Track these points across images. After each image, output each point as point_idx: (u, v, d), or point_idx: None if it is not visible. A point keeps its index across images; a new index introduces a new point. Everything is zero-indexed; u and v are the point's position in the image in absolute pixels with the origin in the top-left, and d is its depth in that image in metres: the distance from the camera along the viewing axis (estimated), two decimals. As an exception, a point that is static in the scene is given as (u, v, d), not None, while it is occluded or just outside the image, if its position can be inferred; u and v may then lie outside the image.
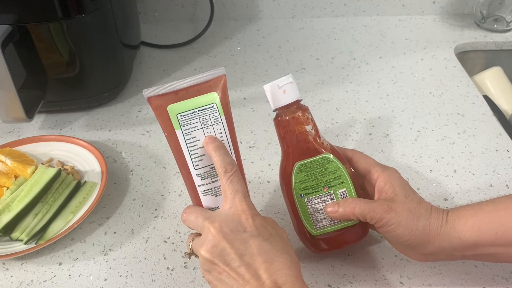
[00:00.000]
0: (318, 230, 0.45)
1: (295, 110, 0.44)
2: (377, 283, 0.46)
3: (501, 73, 0.83)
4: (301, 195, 0.44)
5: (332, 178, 0.44)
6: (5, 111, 0.58)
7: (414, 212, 0.40)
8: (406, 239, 0.40)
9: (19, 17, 0.57)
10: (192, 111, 0.40)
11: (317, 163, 0.44)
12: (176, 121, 0.40)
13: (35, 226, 0.50)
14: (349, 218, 0.43)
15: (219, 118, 0.41)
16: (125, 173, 0.60)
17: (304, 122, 0.44)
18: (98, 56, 0.67)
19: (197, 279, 0.47)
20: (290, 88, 0.44)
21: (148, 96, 0.40)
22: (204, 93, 0.40)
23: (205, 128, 0.40)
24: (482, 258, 0.42)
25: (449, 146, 0.63)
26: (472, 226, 0.39)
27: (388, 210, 0.40)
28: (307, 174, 0.44)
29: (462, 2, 0.95)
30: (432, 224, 0.40)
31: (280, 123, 0.45)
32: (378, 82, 0.77)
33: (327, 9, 0.96)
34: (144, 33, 0.88)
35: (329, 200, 0.44)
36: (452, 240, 0.39)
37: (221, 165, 0.39)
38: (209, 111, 0.40)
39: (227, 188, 0.39)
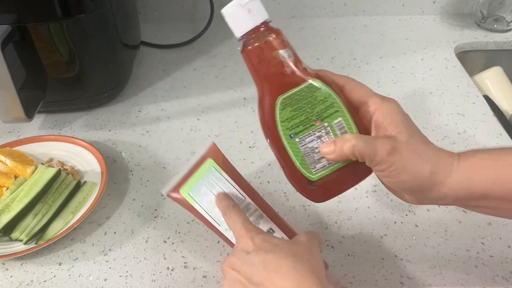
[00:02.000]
0: (317, 174, 0.38)
1: (266, 33, 0.37)
2: (377, 283, 0.46)
3: (501, 73, 0.83)
4: (290, 135, 0.37)
5: (323, 108, 0.37)
6: (5, 111, 0.58)
7: (420, 154, 0.35)
8: (408, 186, 0.36)
9: (18, 17, 0.57)
10: (198, 183, 0.44)
11: (303, 93, 0.37)
12: (190, 198, 0.44)
13: (35, 226, 0.50)
14: (348, 158, 0.36)
15: (220, 176, 0.44)
16: (125, 173, 0.60)
17: (279, 46, 0.37)
18: (98, 56, 0.67)
19: (197, 279, 0.47)
20: (256, 6, 0.36)
21: (167, 192, 0.45)
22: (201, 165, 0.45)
23: (213, 189, 0.44)
24: (482, 210, 0.38)
25: (449, 146, 0.63)
26: (487, 178, 0.34)
27: (392, 152, 0.34)
28: (293, 109, 0.37)
29: (462, 2, 0.95)
30: (440, 170, 0.35)
31: (250, 52, 0.37)
32: (378, 82, 0.76)
33: (327, 9, 0.96)
34: (144, 33, 0.88)
35: (325, 134, 0.38)
36: (461, 189, 0.35)
37: (221, 211, 0.42)
38: (210, 175, 0.44)
39: (229, 226, 0.41)
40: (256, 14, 0.36)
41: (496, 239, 0.50)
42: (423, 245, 0.49)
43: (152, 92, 0.76)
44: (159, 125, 0.68)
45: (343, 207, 0.54)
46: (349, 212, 0.54)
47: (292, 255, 0.36)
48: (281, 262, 0.35)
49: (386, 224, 0.52)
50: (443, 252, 0.49)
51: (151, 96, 0.75)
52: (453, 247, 0.49)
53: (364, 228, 0.52)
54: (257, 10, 0.36)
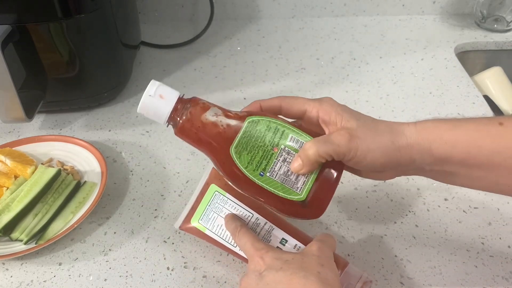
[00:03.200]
0: (303, 191, 0.39)
1: (186, 106, 0.38)
2: (377, 283, 0.46)
3: (501, 73, 0.83)
4: (260, 174, 0.38)
5: (271, 135, 0.39)
6: (5, 111, 0.58)
7: (375, 130, 0.37)
8: (380, 162, 0.37)
9: (19, 17, 0.57)
10: (206, 210, 0.46)
11: (248, 133, 0.38)
12: (201, 226, 0.46)
13: (35, 226, 0.50)
14: (318, 164, 0.38)
15: (225, 198, 0.45)
16: (125, 173, 0.60)
17: (202, 111, 0.38)
18: (98, 56, 0.67)
19: (197, 279, 0.47)
20: (165, 90, 0.38)
21: (179, 227, 0.47)
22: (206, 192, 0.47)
23: (221, 213, 0.45)
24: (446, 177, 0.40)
25: (449, 146, 0.63)
26: (447, 140, 0.36)
27: (351, 139, 0.36)
28: (248, 151, 0.38)
29: (462, 2, 0.95)
30: (399, 136, 0.37)
31: (182, 131, 0.39)
32: (378, 82, 0.76)
33: (327, 9, 0.96)
34: (144, 33, 0.88)
35: (286, 155, 0.38)
36: (423, 151, 0.37)
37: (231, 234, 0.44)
38: (215, 200, 0.46)
39: (239, 246, 0.43)
40: (168, 96, 0.38)
41: (496, 239, 0.50)
42: (423, 245, 0.49)
43: (152, 92, 0.76)
44: (159, 125, 0.68)
45: (343, 207, 0.54)
46: (349, 212, 0.54)
47: (302, 270, 0.36)
48: (291, 279, 0.36)
49: (386, 224, 0.52)
50: (443, 252, 0.49)
51: (151, 96, 0.75)
52: (453, 247, 0.49)
53: (364, 228, 0.52)
54: (167, 93, 0.38)
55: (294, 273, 0.36)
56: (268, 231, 0.44)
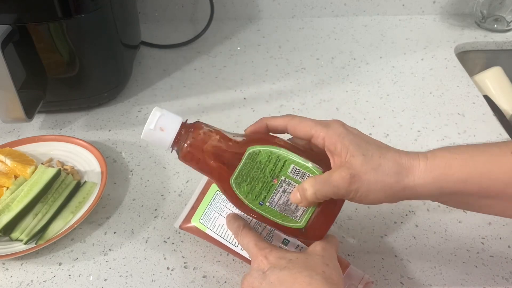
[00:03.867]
0: (301, 220, 0.39)
1: (187, 135, 0.39)
2: (377, 283, 0.46)
3: (501, 73, 0.83)
4: (259, 203, 0.39)
5: (272, 166, 0.38)
6: (5, 111, 0.58)
7: (380, 170, 0.35)
8: (382, 200, 0.37)
9: (19, 17, 0.57)
10: (207, 209, 0.46)
11: (248, 164, 0.38)
12: (202, 226, 0.46)
13: (35, 226, 0.50)
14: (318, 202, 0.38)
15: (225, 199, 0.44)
16: (125, 173, 0.60)
17: (204, 140, 0.38)
18: (98, 56, 0.67)
19: (197, 279, 0.47)
20: (165, 122, 0.38)
21: (179, 226, 0.47)
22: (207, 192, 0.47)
23: (222, 213, 0.45)
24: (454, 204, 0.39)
25: (449, 146, 0.63)
26: (459, 178, 0.35)
27: (352, 181, 0.35)
28: (248, 182, 0.39)
29: (462, 2, 0.95)
30: (405, 177, 0.36)
31: (186, 157, 0.39)
32: (378, 82, 0.76)
33: (327, 9, 0.96)
34: (144, 33, 0.88)
35: (286, 186, 0.38)
36: (432, 189, 0.36)
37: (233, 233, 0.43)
38: (217, 199, 0.46)
39: (242, 246, 0.42)
40: (169, 127, 0.38)
41: (496, 239, 0.50)
42: (423, 245, 0.49)
43: (152, 92, 0.76)
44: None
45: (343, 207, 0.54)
46: (349, 212, 0.54)
47: (306, 269, 0.36)
48: (296, 278, 0.36)
49: (386, 224, 0.52)
50: (443, 252, 0.49)
51: (151, 96, 0.75)
52: (453, 247, 0.49)
53: (364, 228, 0.52)
54: (168, 123, 0.38)
55: (298, 272, 0.36)
56: (270, 230, 0.44)
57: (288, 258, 0.38)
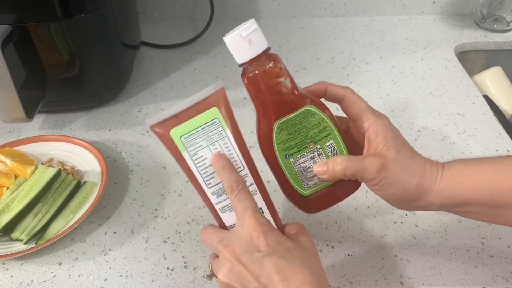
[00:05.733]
0: (309, 190, 0.41)
1: (265, 62, 0.39)
2: (377, 283, 0.46)
3: (501, 73, 0.83)
4: (285, 156, 0.40)
5: (317, 132, 0.40)
6: (5, 111, 0.58)
7: (407, 169, 0.38)
8: (397, 197, 0.39)
9: (19, 17, 0.57)
10: (195, 130, 0.39)
11: (299, 118, 0.40)
12: (180, 144, 0.39)
13: (35, 226, 0.50)
14: (340, 179, 0.40)
15: (224, 133, 0.39)
16: (125, 173, 0.60)
17: (277, 75, 0.39)
18: (98, 56, 0.67)
19: (197, 279, 0.47)
20: (256, 37, 0.38)
21: (151, 125, 0.39)
22: (204, 111, 0.39)
23: (211, 145, 0.39)
24: (469, 215, 0.41)
25: (449, 146, 0.63)
26: (469, 186, 0.38)
27: (381, 169, 0.38)
28: (289, 133, 0.40)
29: (462, 2, 0.95)
30: (425, 182, 0.38)
31: (250, 80, 0.39)
32: (378, 82, 0.76)
33: (327, 9, 0.96)
34: (144, 33, 0.88)
35: (317, 156, 0.41)
36: (445, 197, 0.38)
37: (227, 184, 0.38)
38: (212, 127, 0.39)
39: (236, 207, 0.38)
40: (256, 44, 0.38)
41: (496, 239, 0.50)
42: (423, 245, 0.49)
43: (152, 92, 0.76)
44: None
45: (343, 207, 0.54)
46: (349, 212, 0.54)
47: (305, 266, 0.35)
48: (296, 272, 0.35)
49: (386, 224, 0.52)
50: (443, 252, 0.49)
51: (151, 96, 0.75)
52: (453, 247, 0.49)
53: (364, 228, 0.52)
54: (257, 40, 0.38)
55: (299, 267, 0.35)
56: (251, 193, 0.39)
57: (287, 246, 0.36)
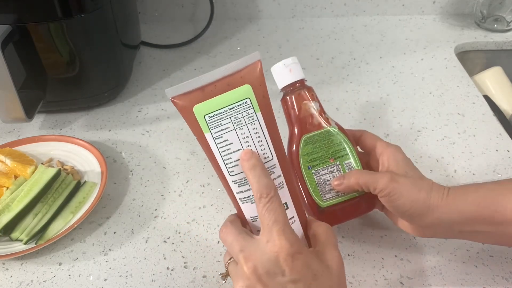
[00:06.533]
0: (326, 202, 0.45)
1: (301, 87, 0.46)
2: (377, 283, 0.46)
3: (501, 73, 0.83)
4: (308, 167, 0.45)
5: (337, 149, 0.46)
6: (5, 111, 0.58)
7: (415, 184, 0.41)
8: (406, 209, 0.41)
9: (19, 17, 0.57)
10: (222, 110, 0.35)
11: (323, 135, 0.46)
12: (204, 124, 0.35)
13: (35, 226, 0.50)
14: (354, 189, 0.44)
15: (254, 116, 0.35)
16: (125, 173, 0.60)
17: (309, 99, 0.46)
18: (98, 56, 0.67)
19: (197, 279, 0.47)
20: (296, 68, 0.46)
21: (172, 96, 0.35)
22: (235, 87, 0.35)
23: (238, 129, 0.35)
24: (477, 236, 0.42)
25: (449, 146, 0.63)
26: (473, 201, 0.40)
27: (391, 181, 0.41)
28: (313, 146, 0.45)
29: (462, 2, 0.95)
30: (433, 197, 0.41)
31: (286, 101, 0.47)
32: (378, 82, 0.76)
33: (327, 9, 0.96)
34: (144, 33, 0.88)
35: (336, 170, 0.45)
36: (451, 213, 0.40)
37: (256, 189, 0.34)
38: (241, 109, 0.35)
39: (263, 217, 0.34)
40: (295, 73, 0.46)
41: (496, 239, 0.50)
42: (423, 245, 0.49)
43: (152, 92, 0.76)
44: (159, 125, 0.68)
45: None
46: (349, 212, 0.54)
47: None
48: None
49: (386, 224, 0.52)
50: (443, 252, 0.49)
51: (151, 96, 0.75)
52: (453, 247, 0.49)
53: (364, 228, 0.52)
54: (296, 70, 0.46)
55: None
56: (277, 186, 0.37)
57: (314, 270, 0.34)
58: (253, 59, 0.36)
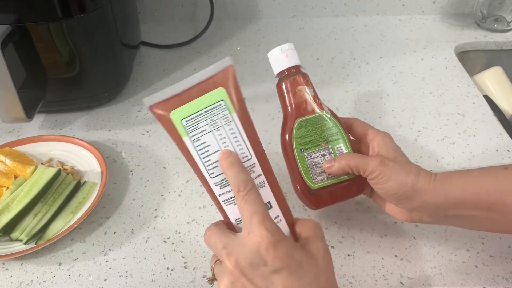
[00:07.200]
0: (317, 184, 0.47)
1: (296, 73, 0.47)
2: (377, 283, 0.46)
3: (501, 73, 0.83)
4: (301, 149, 0.47)
5: (329, 134, 0.47)
6: (5, 111, 0.58)
7: (404, 168, 0.43)
8: (395, 191, 0.42)
9: (19, 17, 0.57)
10: (198, 113, 0.36)
11: (316, 119, 0.47)
12: (181, 128, 0.36)
13: (34, 226, 0.50)
14: (345, 172, 0.45)
15: (230, 117, 0.36)
16: (125, 173, 0.60)
17: (304, 84, 0.47)
18: (98, 56, 0.67)
19: (197, 279, 0.47)
20: (292, 54, 0.47)
21: (150, 105, 0.36)
22: (209, 91, 0.36)
23: (215, 131, 0.36)
24: (463, 221, 0.43)
25: (449, 146, 0.63)
26: (458, 186, 0.41)
27: (381, 164, 0.42)
28: (306, 130, 0.47)
29: (463, 2, 0.95)
30: (420, 181, 0.42)
31: (281, 85, 0.48)
32: (378, 82, 0.76)
33: (327, 9, 0.96)
34: (144, 33, 0.88)
35: (327, 154, 0.47)
36: (438, 196, 0.41)
37: (234, 184, 0.35)
38: (216, 111, 0.36)
39: (242, 210, 0.35)
40: (291, 59, 0.47)
41: (496, 239, 0.50)
42: (423, 245, 0.49)
43: (152, 92, 0.76)
44: (159, 125, 0.68)
45: (343, 207, 0.54)
46: (349, 212, 0.54)
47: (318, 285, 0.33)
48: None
49: (386, 224, 0.52)
50: (443, 252, 0.49)
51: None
52: (453, 247, 0.49)
53: (364, 228, 0.52)
54: (292, 56, 0.47)
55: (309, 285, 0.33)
56: (257, 186, 0.37)
57: (298, 259, 0.33)
58: (224, 64, 0.37)
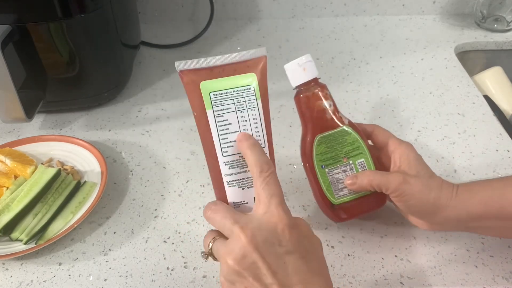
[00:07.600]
0: (339, 199, 0.47)
1: (314, 86, 0.46)
2: (377, 283, 0.46)
3: (501, 73, 0.83)
4: (322, 166, 0.46)
5: (351, 149, 0.47)
6: (5, 111, 0.58)
7: (426, 185, 0.43)
8: (417, 209, 0.43)
9: (19, 17, 0.57)
10: (227, 91, 0.37)
11: (336, 135, 0.46)
12: (208, 100, 0.36)
13: (34, 226, 0.50)
14: (366, 190, 0.46)
15: (255, 103, 0.37)
16: (125, 173, 0.60)
17: (323, 98, 0.46)
18: (98, 56, 0.67)
19: (197, 279, 0.47)
20: (310, 66, 0.46)
21: (181, 70, 0.37)
22: (241, 73, 0.37)
23: (239, 112, 0.37)
24: (484, 230, 0.45)
25: (449, 146, 0.63)
26: (480, 200, 0.41)
27: (403, 182, 0.42)
28: (327, 146, 0.46)
29: (463, 2, 0.95)
30: (442, 197, 0.42)
31: (300, 99, 0.47)
32: (378, 82, 0.76)
33: (327, 9, 0.96)
34: (144, 33, 0.88)
35: (349, 169, 0.47)
36: (459, 212, 0.42)
37: (256, 164, 0.36)
38: (245, 94, 0.37)
39: (262, 191, 0.35)
40: (309, 72, 0.46)
41: (496, 239, 0.50)
42: (423, 245, 0.49)
43: (152, 92, 0.76)
44: (159, 125, 0.68)
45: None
46: (349, 212, 0.54)
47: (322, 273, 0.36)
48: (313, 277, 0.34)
49: (386, 224, 0.52)
50: (443, 252, 0.49)
51: (151, 96, 0.75)
52: (453, 247, 0.49)
53: (364, 228, 0.52)
54: (310, 69, 0.46)
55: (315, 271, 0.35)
56: None
57: (306, 247, 0.35)
58: (259, 53, 0.39)
